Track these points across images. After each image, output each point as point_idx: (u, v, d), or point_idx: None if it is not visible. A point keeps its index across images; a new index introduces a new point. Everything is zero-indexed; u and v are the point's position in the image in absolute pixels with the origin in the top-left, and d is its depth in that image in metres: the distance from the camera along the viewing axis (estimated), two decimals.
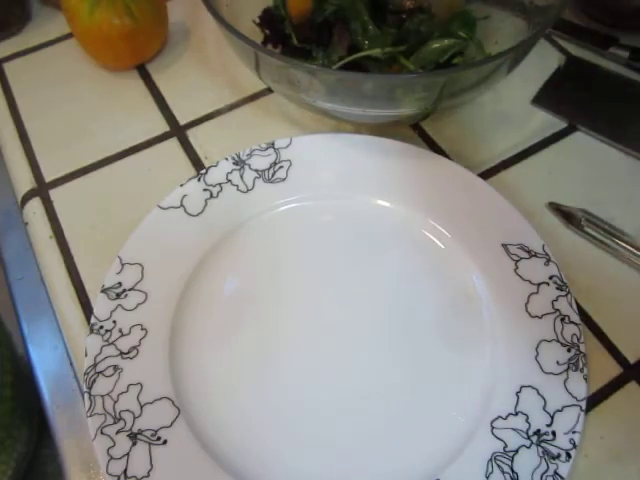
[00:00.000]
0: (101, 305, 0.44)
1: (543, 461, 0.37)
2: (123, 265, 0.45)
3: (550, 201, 0.50)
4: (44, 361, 0.46)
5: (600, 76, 0.59)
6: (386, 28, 0.51)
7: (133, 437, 0.39)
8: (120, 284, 0.44)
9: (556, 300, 0.43)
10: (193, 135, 0.56)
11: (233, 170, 0.50)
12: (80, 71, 0.61)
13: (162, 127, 0.57)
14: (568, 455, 0.38)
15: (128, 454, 0.38)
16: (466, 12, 0.53)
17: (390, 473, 0.39)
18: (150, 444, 0.39)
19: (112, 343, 0.42)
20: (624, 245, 0.47)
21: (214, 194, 0.49)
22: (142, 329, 0.43)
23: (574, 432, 0.38)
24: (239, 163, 0.51)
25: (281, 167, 0.50)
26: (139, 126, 0.56)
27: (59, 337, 0.46)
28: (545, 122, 0.56)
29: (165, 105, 0.58)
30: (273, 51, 0.44)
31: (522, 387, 0.40)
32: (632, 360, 0.43)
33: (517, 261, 0.45)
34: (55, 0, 0.63)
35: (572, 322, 0.42)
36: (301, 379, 0.42)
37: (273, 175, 0.50)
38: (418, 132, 0.56)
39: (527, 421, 0.39)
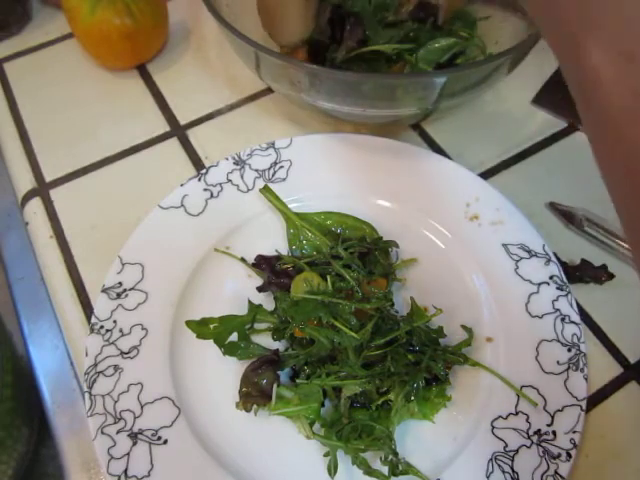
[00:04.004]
0: (101, 305, 0.44)
1: (543, 461, 0.38)
2: (123, 265, 0.45)
3: (550, 201, 0.50)
4: (44, 361, 0.46)
5: None
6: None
7: (133, 437, 0.39)
8: (120, 284, 0.45)
9: (556, 300, 0.43)
10: (193, 135, 0.56)
11: (233, 170, 0.50)
12: (80, 71, 0.61)
13: (162, 127, 0.57)
14: (568, 455, 0.38)
15: (128, 454, 0.38)
16: (467, 12, 0.54)
17: None
18: (150, 444, 0.39)
19: (112, 343, 0.42)
20: (624, 245, 0.47)
21: (214, 194, 0.49)
22: (142, 329, 0.43)
23: (574, 432, 0.38)
24: (239, 163, 0.51)
25: (281, 167, 0.50)
26: (139, 126, 0.56)
27: (59, 337, 0.46)
28: (545, 122, 0.56)
29: (165, 105, 0.58)
30: (273, 50, 0.44)
31: (522, 387, 0.40)
32: (632, 360, 0.43)
33: (517, 261, 0.45)
34: (55, 0, 0.63)
35: (572, 322, 0.43)
36: None
37: (273, 175, 0.50)
38: (418, 132, 0.56)
39: (527, 421, 0.39)
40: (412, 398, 0.39)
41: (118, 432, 0.39)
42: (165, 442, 0.39)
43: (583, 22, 0.20)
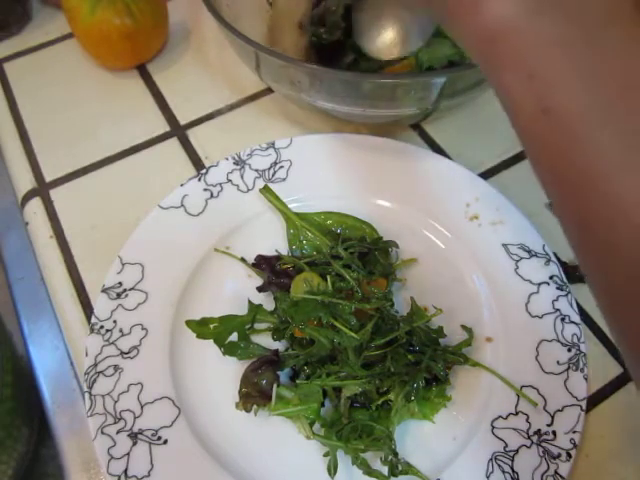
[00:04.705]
0: (102, 305, 0.44)
1: (543, 461, 0.38)
2: (123, 265, 0.45)
3: (550, 201, 0.50)
4: (44, 361, 0.46)
5: None
6: None
7: (133, 437, 0.39)
8: (120, 284, 0.44)
9: (556, 300, 0.43)
10: (193, 135, 0.56)
11: (233, 170, 0.50)
12: (80, 71, 0.61)
13: (162, 127, 0.57)
14: (568, 455, 0.38)
15: (128, 454, 0.38)
16: None
17: None
18: (150, 444, 0.39)
19: (112, 343, 0.42)
20: None
21: (214, 194, 0.49)
22: (142, 329, 0.43)
23: (574, 432, 0.38)
24: (239, 163, 0.51)
25: (281, 167, 0.50)
26: (139, 126, 0.56)
27: (59, 337, 0.46)
28: None
29: (165, 105, 0.58)
30: (273, 50, 0.44)
31: (522, 387, 0.40)
32: None
33: (517, 261, 0.45)
34: (55, 0, 0.63)
35: (572, 322, 0.43)
36: None
37: (273, 175, 0.50)
38: (418, 132, 0.56)
39: (527, 421, 0.39)
40: (412, 398, 0.39)
41: (118, 432, 0.39)
42: (165, 442, 0.39)
43: (493, 42, 0.25)
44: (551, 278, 0.44)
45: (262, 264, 0.46)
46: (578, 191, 0.24)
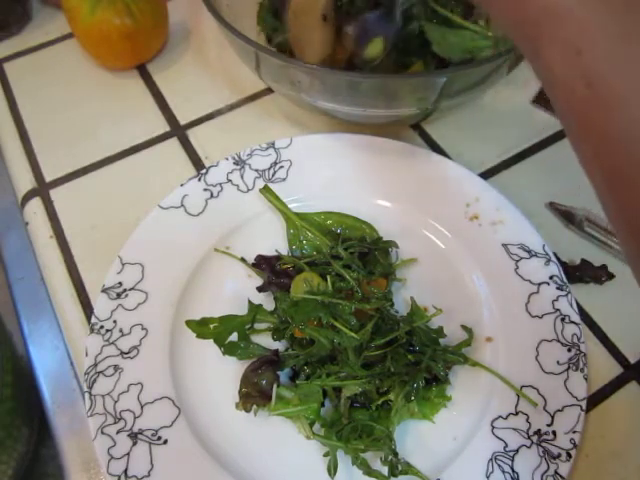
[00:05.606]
0: (102, 305, 0.44)
1: (543, 461, 0.38)
2: (123, 265, 0.45)
3: (550, 201, 0.50)
4: (44, 361, 0.46)
5: None
6: None
7: (133, 437, 0.39)
8: (120, 284, 0.44)
9: (556, 300, 0.43)
10: (193, 135, 0.56)
11: (233, 170, 0.50)
12: (80, 71, 0.61)
13: (162, 127, 0.57)
14: (568, 455, 0.38)
15: (128, 454, 0.38)
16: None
17: None
18: (150, 444, 0.39)
19: (112, 343, 0.42)
20: None
21: (214, 194, 0.49)
22: (142, 329, 0.43)
23: (574, 432, 0.38)
24: (239, 163, 0.51)
25: (281, 167, 0.50)
26: (139, 126, 0.56)
27: (59, 337, 0.46)
28: (545, 122, 0.56)
29: (165, 105, 0.58)
30: (273, 51, 0.44)
31: (522, 387, 0.40)
32: (632, 360, 0.43)
33: (517, 261, 0.45)
34: (55, 0, 0.63)
35: (572, 322, 0.43)
36: None
37: (273, 175, 0.50)
38: (418, 132, 0.56)
39: (527, 421, 0.39)
40: (412, 398, 0.39)
41: (118, 432, 0.39)
42: (165, 442, 0.39)
43: (539, 25, 0.26)
44: (551, 278, 0.44)
45: (262, 264, 0.46)
46: (615, 147, 0.25)
